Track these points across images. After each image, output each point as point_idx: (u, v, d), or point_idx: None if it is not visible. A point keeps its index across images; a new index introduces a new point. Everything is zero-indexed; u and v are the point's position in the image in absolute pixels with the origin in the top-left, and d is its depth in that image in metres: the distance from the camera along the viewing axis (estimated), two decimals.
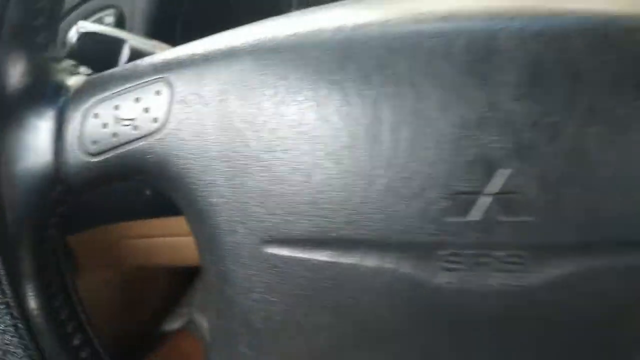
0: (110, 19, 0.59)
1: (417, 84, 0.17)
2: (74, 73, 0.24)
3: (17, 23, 0.21)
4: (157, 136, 0.20)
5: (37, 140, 0.22)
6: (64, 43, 0.36)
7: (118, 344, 0.49)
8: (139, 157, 0.21)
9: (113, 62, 0.36)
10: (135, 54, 0.36)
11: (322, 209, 0.19)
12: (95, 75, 0.24)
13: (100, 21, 0.58)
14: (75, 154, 0.22)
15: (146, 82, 0.20)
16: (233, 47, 0.20)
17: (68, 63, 0.25)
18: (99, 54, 0.37)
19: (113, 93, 0.21)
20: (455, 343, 0.19)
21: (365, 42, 0.18)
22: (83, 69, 0.56)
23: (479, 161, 0.17)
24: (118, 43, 0.36)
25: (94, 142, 0.22)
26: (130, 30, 0.58)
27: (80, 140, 0.22)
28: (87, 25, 0.36)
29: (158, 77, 0.20)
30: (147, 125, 0.20)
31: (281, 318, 0.19)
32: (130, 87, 0.20)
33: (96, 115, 0.21)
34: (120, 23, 0.58)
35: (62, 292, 0.24)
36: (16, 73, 0.21)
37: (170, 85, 0.20)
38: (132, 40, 0.36)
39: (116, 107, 0.21)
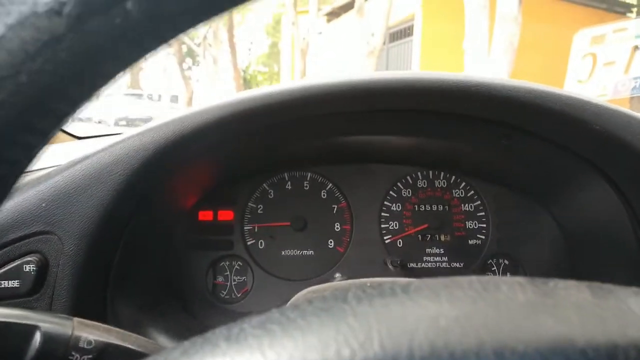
0: (30, 267, 0.55)
1: None
2: None
3: None
4: None
5: None
6: None
7: None
8: None
9: (23, 351, 0.31)
10: (50, 340, 0.31)
11: None
12: None
13: (16, 272, 0.54)
14: None
15: None
16: None
17: None
18: (6, 344, 0.32)
19: None
20: None
21: None
22: None
23: None
24: (29, 329, 0.31)
25: None
26: (54, 278, 0.53)
27: None
28: None
29: None
30: None
31: None
32: None
33: None
34: (42, 271, 0.54)
35: None
36: None
37: None
38: (45, 323, 0.31)
39: None
